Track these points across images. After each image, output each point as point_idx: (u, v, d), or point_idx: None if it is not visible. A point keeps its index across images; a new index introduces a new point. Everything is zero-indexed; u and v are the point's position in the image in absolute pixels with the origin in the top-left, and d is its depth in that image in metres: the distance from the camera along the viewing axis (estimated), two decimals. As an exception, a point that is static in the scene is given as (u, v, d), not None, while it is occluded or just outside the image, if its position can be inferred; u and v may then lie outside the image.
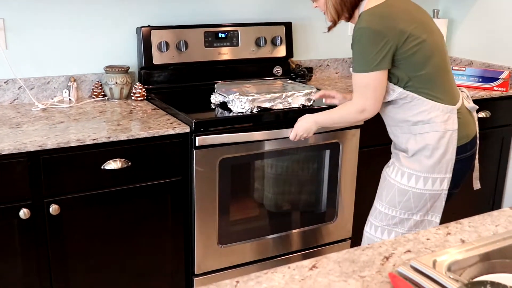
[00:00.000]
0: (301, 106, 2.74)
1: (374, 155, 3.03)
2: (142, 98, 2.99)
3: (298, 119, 2.50)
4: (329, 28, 2.39)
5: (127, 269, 2.61)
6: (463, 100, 2.33)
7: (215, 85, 2.85)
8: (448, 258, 1.33)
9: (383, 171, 2.41)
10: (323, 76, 3.71)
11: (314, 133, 2.50)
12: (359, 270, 1.31)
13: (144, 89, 3.01)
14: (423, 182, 2.24)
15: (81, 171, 2.39)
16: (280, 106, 2.69)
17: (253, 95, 2.64)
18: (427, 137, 2.22)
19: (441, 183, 2.25)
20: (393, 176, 2.30)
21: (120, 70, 2.95)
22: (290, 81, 3.07)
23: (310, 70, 3.51)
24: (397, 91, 2.23)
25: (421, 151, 2.23)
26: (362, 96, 2.22)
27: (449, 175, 2.24)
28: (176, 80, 3.13)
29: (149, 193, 2.55)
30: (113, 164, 2.43)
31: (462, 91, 2.39)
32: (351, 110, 2.27)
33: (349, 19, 2.33)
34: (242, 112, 2.63)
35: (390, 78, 2.22)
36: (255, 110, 2.64)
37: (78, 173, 2.39)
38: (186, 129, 2.53)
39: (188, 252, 2.72)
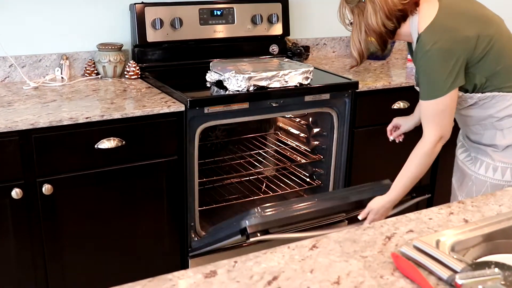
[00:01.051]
0: (298, 85, 2.70)
1: (369, 135, 3.00)
2: (136, 76, 2.95)
3: (370, 204, 2.20)
4: (353, 66, 2.24)
5: (121, 249, 2.58)
6: None
7: (211, 63, 2.81)
8: (451, 238, 1.31)
9: (460, 165, 2.24)
10: (320, 55, 3.67)
11: None
12: (361, 250, 1.29)
13: (138, 67, 2.96)
14: None
15: (74, 150, 2.36)
16: (277, 85, 2.65)
17: (250, 73, 2.60)
18: None
19: None
20: (483, 172, 2.12)
21: (113, 47, 2.91)
22: (286, 60, 3.03)
23: (306, 48, 3.47)
24: (475, 98, 2.05)
25: None
26: (437, 125, 2.01)
27: None
28: (170, 58, 3.09)
29: (144, 172, 2.52)
30: (106, 143, 2.40)
31: None
32: (427, 149, 2.05)
33: (393, 36, 2.12)
34: (238, 91, 2.59)
35: (465, 90, 2.04)
36: (251, 88, 2.60)
37: (71, 152, 2.35)
38: (181, 108, 2.50)
39: (184, 232, 2.70)
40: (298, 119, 3.32)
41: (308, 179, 3.22)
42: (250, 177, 3.32)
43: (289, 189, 3.22)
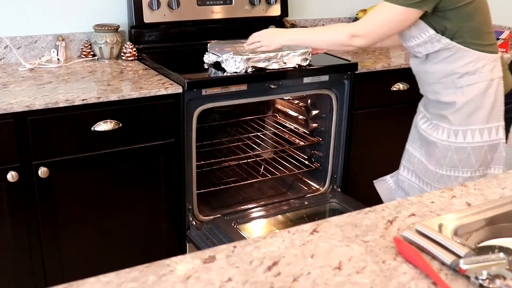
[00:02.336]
0: (297, 66, 2.67)
1: (369, 117, 2.98)
2: (133, 58, 2.91)
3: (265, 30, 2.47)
4: None
5: (118, 232, 2.57)
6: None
7: (208, 44, 2.77)
8: (454, 222, 1.29)
9: (422, 133, 2.33)
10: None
11: None
12: (362, 235, 1.26)
13: (135, 49, 2.93)
14: (479, 135, 2.19)
15: (70, 132, 2.33)
16: (275, 66, 2.62)
17: (248, 55, 2.57)
18: (476, 87, 2.17)
19: (497, 132, 2.21)
20: (446, 138, 2.23)
21: (110, 29, 2.87)
22: None
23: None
24: (442, 42, 2.14)
25: (470, 103, 2.18)
26: (367, 24, 2.14)
27: (502, 123, 2.21)
28: (167, 39, 3.05)
29: (141, 155, 2.50)
30: (103, 126, 2.37)
31: None
32: (343, 31, 2.18)
33: None
34: (236, 72, 2.56)
35: (434, 28, 2.12)
36: (249, 70, 2.57)
37: (67, 134, 2.33)
38: (179, 90, 2.46)
39: (181, 215, 2.68)
40: (296, 101, 3.29)
41: (306, 162, 3.20)
42: (248, 160, 3.31)
43: (288, 172, 3.20)
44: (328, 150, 3.03)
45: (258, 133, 3.41)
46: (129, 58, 2.90)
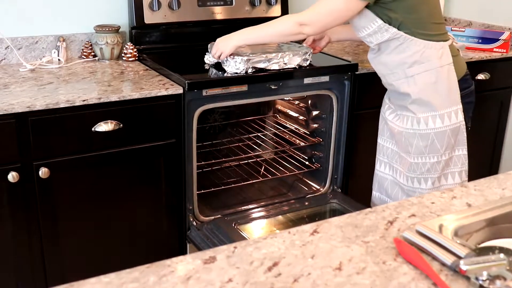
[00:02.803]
0: (297, 67, 2.66)
1: (369, 118, 2.98)
2: (133, 58, 2.91)
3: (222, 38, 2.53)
4: None
5: (119, 233, 2.56)
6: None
7: (209, 45, 2.77)
8: (454, 222, 1.29)
9: (389, 124, 2.44)
10: (319, 37, 3.63)
11: None
12: (363, 235, 1.26)
13: (135, 49, 2.93)
14: (440, 120, 2.28)
15: (71, 133, 2.33)
16: (275, 67, 2.62)
17: (248, 55, 2.57)
18: (426, 76, 2.26)
19: (456, 115, 2.30)
20: (410, 126, 2.33)
21: (110, 29, 2.87)
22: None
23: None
24: (390, 31, 2.24)
25: (425, 91, 2.27)
26: (313, 13, 2.27)
27: (460, 106, 2.30)
28: (168, 40, 3.05)
29: (142, 156, 2.50)
30: (104, 126, 2.37)
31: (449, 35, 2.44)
32: (290, 21, 2.31)
33: None
34: (236, 73, 2.56)
35: (382, 18, 2.23)
36: (250, 70, 2.57)
37: (68, 135, 2.33)
38: (179, 90, 2.46)
39: (182, 216, 2.67)
40: (297, 102, 3.29)
41: (307, 162, 3.19)
42: (249, 160, 3.30)
43: (288, 172, 3.20)
44: (328, 150, 3.03)
45: (258, 134, 3.40)
46: (130, 59, 2.90)
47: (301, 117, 3.27)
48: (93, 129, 2.35)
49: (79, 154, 2.37)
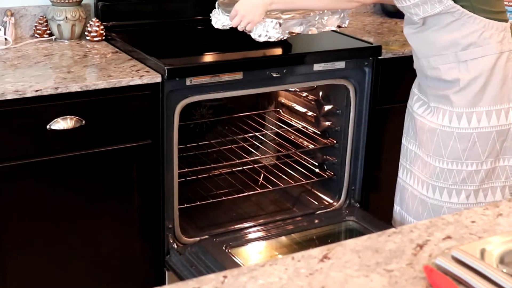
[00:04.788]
0: (337, 29, 2.64)
1: (395, 114, 2.99)
2: (99, 38, 2.92)
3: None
4: None
5: (80, 257, 2.58)
6: None
7: (217, 2, 2.64)
8: (500, 246, 1.30)
9: (418, 119, 2.43)
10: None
11: None
12: (385, 262, 1.27)
13: (102, 27, 2.94)
14: (486, 118, 2.28)
15: (20, 131, 2.34)
16: (314, 31, 2.57)
17: (278, 15, 2.48)
18: (482, 62, 2.25)
19: (507, 116, 2.30)
20: (447, 123, 2.33)
21: (70, 2, 2.88)
22: None
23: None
24: (444, 3, 2.21)
25: (476, 81, 2.26)
26: None
27: None
28: (143, 15, 3.07)
29: (109, 160, 2.51)
30: (62, 123, 2.38)
31: None
32: None
33: None
34: (268, 41, 2.49)
35: None
36: (285, 36, 2.51)
37: (17, 134, 2.34)
38: (157, 78, 2.48)
39: (159, 236, 2.69)
40: (305, 94, 3.30)
41: (317, 170, 3.21)
42: (244, 167, 3.32)
43: (293, 182, 3.21)
44: (344, 155, 3.04)
45: (256, 134, 3.42)
46: (95, 39, 2.92)
47: (309, 113, 3.29)
48: (48, 126, 2.37)
49: (31, 158, 2.38)
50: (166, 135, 2.57)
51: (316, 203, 3.16)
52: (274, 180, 3.23)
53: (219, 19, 2.56)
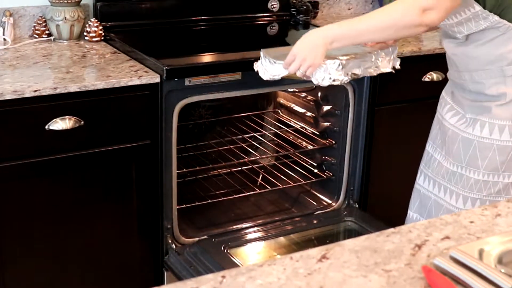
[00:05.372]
0: (392, 71, 2.38)
1: (394, 115, 3.00)
2: (98, 38, 2.92)
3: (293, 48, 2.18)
4: None
5: (79, 258, 2.57)
6: None
7: (262, 51, 2.34)
8: (498, 247, 1.30)
9: (450, 129, 2.34)
10: (331, 13, 3.66)
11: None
12: (383, 262, 1.27)
13: (101, 27, 2.94)
14: None
15: (19, 132, 2.34)
16: (372, 72, 2.34)
17: (339, 58, 2.22)
18: None
19: None
20: (487, 134, 2.23)
21: (69, 2, 2.88)
22: None
23: (315, 4, 3.45)
24: (490, 19, 2.13)
25: None
26: None
27: None
28: (142, 15, 3.07)
29: (108, 161, 2.51)
30: (60, 123, 2.38)
31: None
32: (410, 5, 2.03)
33: None
34: (332, 84, 2.24)
35: (479, 2, 2.10)
36: (348, 79, 2.24)
37: (15, 134, 2.34)
38: (156, 79, 2.48)
39: (158, 236, 2.69)
40: (303, 94, 3.30)
41: (316, 170, 3.21)
42: (243, 168, 3.31)
43: (292, 183, 3.21)
44: (343, 155, 3.04)
45: (255, 134, 3.42)
46: (94, 39, 2.92)
47: (308, 114, 3.29)
48: (46, 127, 2.37)
49: (29, 158, 2.38)
50: (165, 136, 2.57)
51: (315, 203, 3.16)
52: (273, 180, 3.23)
53: (268, 70, 2.29)
